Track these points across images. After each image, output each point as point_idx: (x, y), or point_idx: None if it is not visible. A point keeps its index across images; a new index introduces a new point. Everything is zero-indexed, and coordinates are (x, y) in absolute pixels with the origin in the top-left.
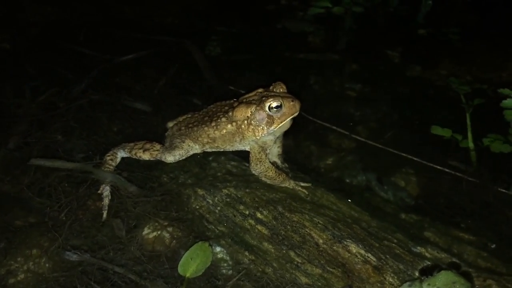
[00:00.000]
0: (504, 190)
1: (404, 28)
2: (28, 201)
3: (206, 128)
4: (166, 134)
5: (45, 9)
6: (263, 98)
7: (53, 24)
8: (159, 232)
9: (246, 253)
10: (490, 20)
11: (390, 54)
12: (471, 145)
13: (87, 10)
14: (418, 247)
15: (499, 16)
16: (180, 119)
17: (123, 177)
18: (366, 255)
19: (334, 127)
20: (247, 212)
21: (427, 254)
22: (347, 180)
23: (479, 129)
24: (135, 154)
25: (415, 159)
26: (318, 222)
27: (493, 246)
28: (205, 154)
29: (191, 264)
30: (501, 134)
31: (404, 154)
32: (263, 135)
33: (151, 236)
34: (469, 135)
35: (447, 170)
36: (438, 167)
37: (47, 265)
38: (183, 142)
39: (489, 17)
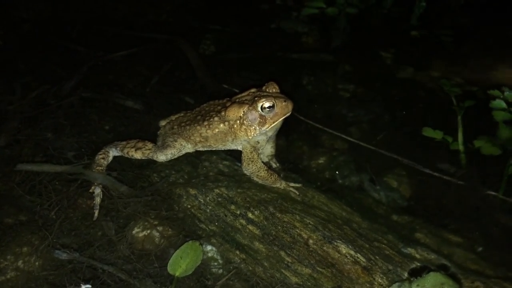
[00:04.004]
0: (493, 193)
1: (397, 30)
2: (19, 199)
3: (198, 127)
4: (158, 132)
5: (37, 5)
6: (256, 98)
7: (45, 21)
8: (149, 231)
9: (237, 252)
10: (483, 22)
11: (383, 55)
12: (461, 147)
13: (80, 7)
14: (408, 249)
15: (491, 19)
16: (173, 117)
17: (113, 177)
18: (356, 255)
19: (326, 129)
20: (238, 212)
21: (417, 256)
22: (339, 181)
23: (470, 131)
24: (127, 153)
25: (406, 161)
26: (309, 222)
27: (480, 249)
28: (197, 153)
29: (180, 263)
30: (492, 135)
31: (395, 156)
32: (255, 135)
33: (141, 235)
34: (460, 137)
35: (436, 174)
36: (428, 171)
37: (37, 263)
38: (176, 141)
39: (481, 20)
